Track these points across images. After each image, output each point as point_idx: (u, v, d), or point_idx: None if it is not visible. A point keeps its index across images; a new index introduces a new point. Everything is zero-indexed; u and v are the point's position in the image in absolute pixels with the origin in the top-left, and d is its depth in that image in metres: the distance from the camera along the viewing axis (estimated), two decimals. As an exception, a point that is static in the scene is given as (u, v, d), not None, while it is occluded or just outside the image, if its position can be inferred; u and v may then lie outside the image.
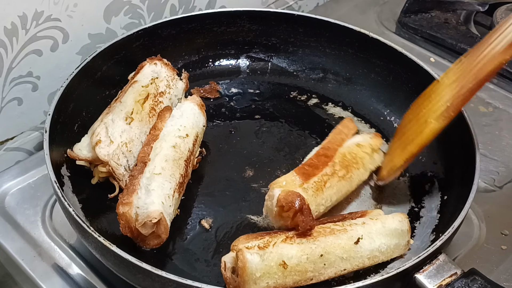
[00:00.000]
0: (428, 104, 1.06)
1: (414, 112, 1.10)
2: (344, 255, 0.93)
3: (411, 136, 1.07)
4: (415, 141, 1.06)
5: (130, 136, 1.10)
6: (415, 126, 1.07)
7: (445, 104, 1.02)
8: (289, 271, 0.90)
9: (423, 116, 1.06)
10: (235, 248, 0.91)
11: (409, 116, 1.11)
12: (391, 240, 0.98)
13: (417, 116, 1.07)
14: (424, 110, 1.06)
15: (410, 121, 1.10)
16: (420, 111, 1.07)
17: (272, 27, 1.37)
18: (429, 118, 1.04)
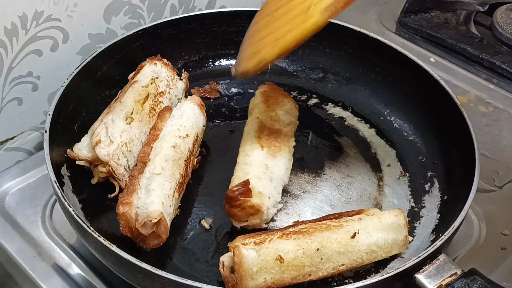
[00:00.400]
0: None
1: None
2: (341, 249, 0.94)
3: (286, 27, 0.91)
4: (291, 34, 0.90)
5: (130, 136, 1.10)
6: (291, 14, 0.92)
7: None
8: (286, 266, 0.90)
9: (301, 5, 0.91)
10: (231, 246, 0.91)
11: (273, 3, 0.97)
12: (388, 234, 0.98)
13: (293, 3, 0.93)
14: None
15: (282, 4, 0.95)
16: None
17: (272, 27, 1.37)
18: (312, 8, 0.89)
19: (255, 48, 0.94)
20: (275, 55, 0.91)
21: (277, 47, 0.90)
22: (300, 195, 1.13)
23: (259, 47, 0.93)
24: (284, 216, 1.08)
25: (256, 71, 0.93)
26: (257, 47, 0.93)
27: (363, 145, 1.24)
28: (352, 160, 1.20)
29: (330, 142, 1.23)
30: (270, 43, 0.91)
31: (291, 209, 1.10)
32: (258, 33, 0.96)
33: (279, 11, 0.94)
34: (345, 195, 1.14)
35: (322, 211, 1.10)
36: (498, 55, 1.47)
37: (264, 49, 0.92)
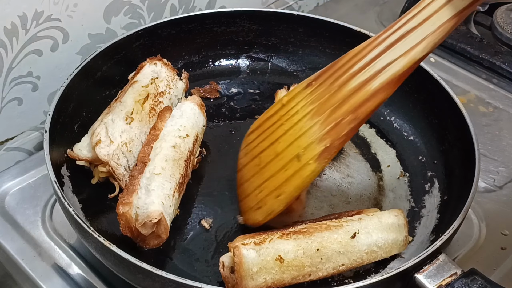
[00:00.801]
0: (285, 135, 0.94)
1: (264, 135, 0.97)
2: (341, 249, 0.94)
3: (282, 175, 0.93)
4: (292, 184, 0.93)
5: (130, 136, 1.10)
6: (280, 160, 0.94)
7: (319, 142, 0.89)
8: (286, 266, 0.90)
9: (289, 151, 0.93)
10: (231, 247, 0.91)
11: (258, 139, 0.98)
12: (388, 234, 0.98)
13: (277, 148, 0.94)
14: (283, 142, 0.94)
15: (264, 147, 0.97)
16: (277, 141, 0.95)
17: (272, 27, 1.37)
18: (303, 156, 0.91)
19: (257, 197, 0.97)
20: (283, 206, 0.94)
21: (282, 197, 0.93)
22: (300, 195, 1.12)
23: (261, 197, 0.96)
24: (284, 216, 1.08)
25: (267, 220, 0.97)
26: (259, 197, 0.97)
27: (363, 145, 1.24)
28: (352, 160, 1.20)
29: (330, 142, 1.23)
30: (272, 193, 0.94)
31: (291, 209, 1.10)
32: (250, 179, 0.98)
33: (264, 155, 0.96)
34: (345, 195, 1.14)
35: (322, 211, 1.10)
36: (498, 55, 1.47)
37: (268, 199, 0.95)
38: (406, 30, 0.81)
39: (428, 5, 0.79)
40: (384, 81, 0.83)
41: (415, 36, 0.80)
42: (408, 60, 0.82)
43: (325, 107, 0.88)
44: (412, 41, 0.80)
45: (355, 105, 0.86)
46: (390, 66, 0.83)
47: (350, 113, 0.86)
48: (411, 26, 0.80)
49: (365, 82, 0.84)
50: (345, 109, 0.86)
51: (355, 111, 0.86)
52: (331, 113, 0.87)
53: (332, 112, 0.87)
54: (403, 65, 0.82)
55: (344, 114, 0.86)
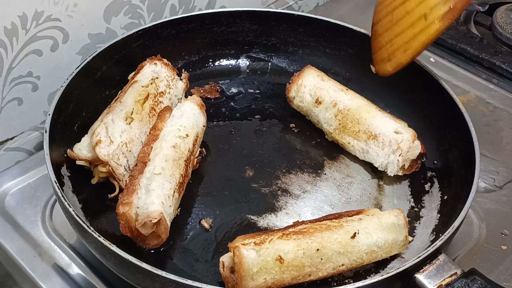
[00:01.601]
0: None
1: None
2: (341, 249, 0.94)
3: (410, 32, 1.07)
4: (419, 40, 1.06)
5: (130, 136, 1.10)
6: (410, 18, 1.06)
7: (444, 3, 1.02)
8: (286, 266, 0.90)
9: (418, 10, 1.05)
10: (231, 247, 0.91)
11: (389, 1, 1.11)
12: (388, 234, 0.98)
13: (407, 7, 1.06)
14: (413, 1, 1.06)
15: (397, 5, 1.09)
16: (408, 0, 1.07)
17: (272, 27, 1.37)
18: (429, 15, 1.03)
19: (388, 51, 1.12)
20: (410, 59, 1.09)
21: (409, 52, 1.08)
22: (300, 195, 1.13)
23: (391, 50, 1.11)
24: (284, 216, 1.09)
25: (394, 71, 1.13)
26: (390, 50, 1.12)
27: (363, 145, 1.24)
28: (352, 160, 1.20)
29: (330, 142, 1.23)
30: (401, 47, 1.09)
31: (291, 209, 1.10)
32: (384, 34, 1.13)
33: (396, 12, 1.09)
34: (345, 195, 1.14)
35: (322, 211, 1.10)
36: (498, 55, 1.47)
37: (397, 53, 1.10)
38: None
39: None
40: None
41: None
42: None
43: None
44: None
45: None
46: None
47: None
48: None
49: None
50: None
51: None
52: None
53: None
54: None
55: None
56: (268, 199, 1.11)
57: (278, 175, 1.16)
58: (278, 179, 1.15)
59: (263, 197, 1.11)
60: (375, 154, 1.15)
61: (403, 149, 1.12)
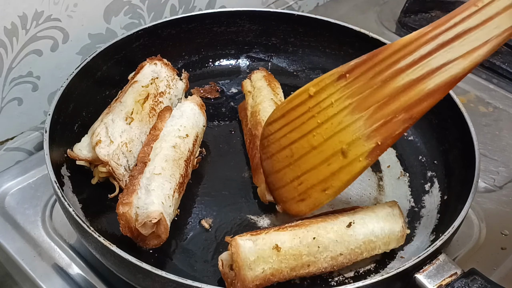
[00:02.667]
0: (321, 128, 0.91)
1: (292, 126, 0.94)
2: (337, 238, 0.94)
3: (327, 170, 0.92)
4: (341, 178, 0.92)
5: (130, 136, 1.10)
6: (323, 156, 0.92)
7: (367, 139, 0.87)
8: (284, 255, 0.90)
9: (329, 145, 0.91)
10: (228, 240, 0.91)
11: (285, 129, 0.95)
12: (384, 224, 0.98)
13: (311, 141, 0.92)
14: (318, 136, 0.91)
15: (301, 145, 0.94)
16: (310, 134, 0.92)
17: (272, 27, 1.37)
18: (349, 152, 0.89)
19: (298, 190, 0.96)
20: (331, 198, 0.95)
21: (330, 191, 0.94)
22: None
23: (303, 189, 0.96)
24: (284, 216, 1.08)
25: (311, 211, 0.98)
26: (300, 189, 0.96)
27: (363, 145, 1.24)
28: (352, 160, 1.20)
29: (330, 142, 1.23)
30: (316, 186, 0.94)
31: (291, 209, 1.10)
32: (283, 170, 0.97)
33: (296, 147, 0.94)
34: (345, 195, 1.13)
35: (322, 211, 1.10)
36: (498, 55, 1.47)
37: (312, 192, 0.95)
38: (464, 29, 0.75)
39: (490, 4, 0.73)
40: (441, 82, 0.78)
41: (476, 37, 0.74)
42: (469, 63, 0.75)
43: (367, 103, 0.85)
44: (473, 43, 0.74)
45: (408, 104, 0.82)
46: (448, 67, 0.78)
47: (402, 112, 0.82)
48: (471, 25, 0.74)
49: (417, 81, 0.80)
50: (395, 106, 0.83)
51: (409, 110, 0.82)
52: (377, 109, 0.84)
53: (378, 109, 0.84)
54: (463, 67, 0.76)
55: (395, 112, 0.83)
56: (268, 199, 1.11)
57: (278, 175, 1.15)
58: (278, 179, 1.15)
59: (263, 197, 1.11)
60: None
61: None
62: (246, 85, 1.26)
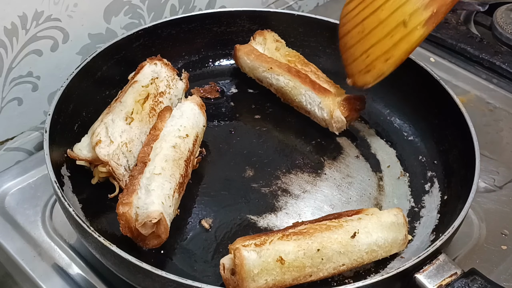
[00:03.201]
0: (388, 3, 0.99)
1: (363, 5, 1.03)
2: (341, 249, 0.94)
3: (390, 41, 1.00)
4: (401, 48, 0.99)
5: (130, 136, 1.10)
6: (385, 27, 1.00)
7: (425, 8, 0.94)
8: (287, 267, 0.90)
9: (393, 18, 0.99)
10: (232, 249, 0.91)
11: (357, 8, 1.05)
12: (388, 234, 0.98)
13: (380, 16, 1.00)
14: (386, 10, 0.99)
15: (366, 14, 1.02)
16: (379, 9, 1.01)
17: (272, 27, 1.37)
18: (409, 22, 0.96)
19: (365, 62, 1.04)
20: (392, 68, 1.01)
21: (391, 61, 1.00)
22: (300, 195, 1.13)
23: (369, 61, 1.03)
24: (284, 216, 1.09)
25: (375, 82, 1.06)
26: (367, 61, 1.04)
27: (363, 145, 1.24)
28: (352, 160, 1.20)
29: (330, 142, 1.23)
30: (380, 57, 1.01)
31: (291, 209, 1.10)
32: (355, 45, 1.05)
33: (367, 22, 1.02)
34: (345, 195, 1.14)
35: (322, 211, 1.10)
36: (498, 55, 1.47)
37: (377, 63, 1.02)
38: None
39: None
40: None
41: None
42: None
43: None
44: None
45: None
46: None
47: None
48: None
49: None
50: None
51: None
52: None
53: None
54: None
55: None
56: (268, 199, 1.11)
57: (278, 175, 1.16)
58: (278, 179, 1.15)
59: (263, 197, 1.11)
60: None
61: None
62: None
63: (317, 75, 1.25)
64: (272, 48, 1.31)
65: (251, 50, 1.30)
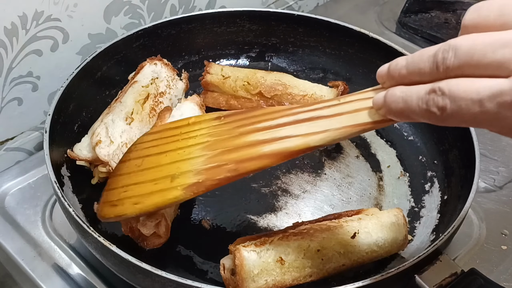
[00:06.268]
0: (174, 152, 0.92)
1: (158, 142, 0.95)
2: (342, 250, 0.94)
3: (149, 187, 0.91)
4: (152, 199, 0.90)
5: (130, 136, 1.10)
6: (157, 172, 0.91)
7: (195, 174, 0.87)
8: (287, 268, 0.90)
9: (168, 168, 0.91)
10: (232, 249, 0.91)
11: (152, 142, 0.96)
12: (388, 234, 0.98)
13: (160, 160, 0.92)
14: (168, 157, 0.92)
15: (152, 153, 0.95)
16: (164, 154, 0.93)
17: (272, 27, 1.37)
18: (177, 179, 0.89)
19: (118, 195, 0.94)
20: (135, 214, 0.91)
21: (137, 207, 0.91)
22: (300, 195, 1.13)
23: (121, 197, 0.93)
24: (284, 216, 1.09)
25: (117, 220, 0.94)
26: (120, 196, 0.94)
27: (363, 145, 1.24)
28: (352, 160, 1.20)
29: (330, 142, 1.23)
30: (131, 198, 0.92)
31: (291, 209, 1.10)
32: (124, 175, 0.96)
33: (147, 161, 0.94)
34: (345, 195, 1.14)
35: (322, 211, 1.10)
36: (498, 55, 1.47)
37: (125, 202, 0.92)
38: (317, 115, 0.80)
39: (348, 103, 0.79)
40: (274, 150, 0.82)
41: (320, 124, 0.79)
42: (302, 142, 0.80)
43: (218, 145, 0.88)
44: (316, 128, 0.80)
45: (242, 158, 0.84)
46: (286, 140, 0.82)
47: (233, 162, 0.85)
48: (324, 113, 0.80)
49: (260, 142, 0.84)
50: (232, 156, 0.85)
51: (239, 163, 0.84)
52: (220, 154, 0.86)
53: (221, 153, 0.86)
54: (296, 144, 0.81)
55: (229, 161, 0.85)
56: (268, 199, 1.11)
57: (278, 175, 1.16)
58: (278, 179, 1.15)
59: (263, 197, 1.11)
60: None
61: None
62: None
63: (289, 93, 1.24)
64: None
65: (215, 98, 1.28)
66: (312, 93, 1.22)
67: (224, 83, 1.25)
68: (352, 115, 0.78)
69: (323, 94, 1.22)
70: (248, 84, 1.24)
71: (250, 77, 1.25)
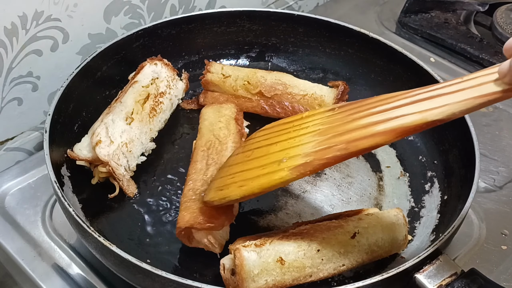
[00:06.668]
0: (285, 141, 0.93)
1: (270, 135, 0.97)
2: (341, 250, 0.94)
3: (257, 171, 0.92)
4: (258, 181, 0.90)
5: (130, 136, 1.10)
6: (265, 159, 0.92)
7: (304, 156, 0.87)
8: (287, 268, 0.90)
9: (276, 155, 0.91)
10: (232, 249, 0.91)
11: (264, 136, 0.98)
12: (388, 234, 0.98)
13: (270, 149, 0.93)
14: (278, 146, 0.93)
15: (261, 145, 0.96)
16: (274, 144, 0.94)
17: (272, 27, 1.37)
18: (283, 162, 0.89)
19: (225, 181, 0.95)
20: (239, 196, 0.91)
21: (242, 189, 0.91)
22: (300, 195, 1.13)
23: (228, 182, 0.94)
24: (284, 216, 1.09)
25: (221, 205, 0.94)
26: (226, 182, 0.94)
27: (363, 145, 1.24)
28: (352, 160, 1.20)
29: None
30: (237, 183, 0.92)
31: (291, 209, 1.10)
32: (233, 166, 0.97)
33: (257, 151, 0.95)
34: (345, 195, 1.14)
35: (322, 211, 1.10)
36: (498, 55, 1.47)
37: (231, 186, 0.93)
38: (437, 94, 0.80)
39: (471, 80, 0.78)
40: (388, 128, 0.81)
41: (439, 101, 0.79)
42: (419, 117, 0.79)
43: (330, 131, 0.87)
44: (435, 104, 0.79)
45: (353, 139, 0.84)
46: (402, 118, 0.81)
47: (344, 143, 0.84)
48: (444, 91, 0.79)
49: (374, 123, 0.82)
50: (343, 138, 0.85)
51: (349, 143, 0.84)
52: (331, 137, 0.86)
53: (332, 137, 0.86)
54: (412, 120, 0.80)
55: (339, 142, 0.85)
56: (268, 199, 1.11)
57: (278, 175, 1.15)
58: (278, 179, 1.15)
59: (263, 197, 1.11)
60: None
61: None
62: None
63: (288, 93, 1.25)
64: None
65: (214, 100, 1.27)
66: (312, 93, 1.22)
67: (225, 82, 1.25)
68: (475, 88, 0.77)
69: (323, 93, 1.22)
70: (248, 83, 1.24)
71: (250, 77, 1.25)
